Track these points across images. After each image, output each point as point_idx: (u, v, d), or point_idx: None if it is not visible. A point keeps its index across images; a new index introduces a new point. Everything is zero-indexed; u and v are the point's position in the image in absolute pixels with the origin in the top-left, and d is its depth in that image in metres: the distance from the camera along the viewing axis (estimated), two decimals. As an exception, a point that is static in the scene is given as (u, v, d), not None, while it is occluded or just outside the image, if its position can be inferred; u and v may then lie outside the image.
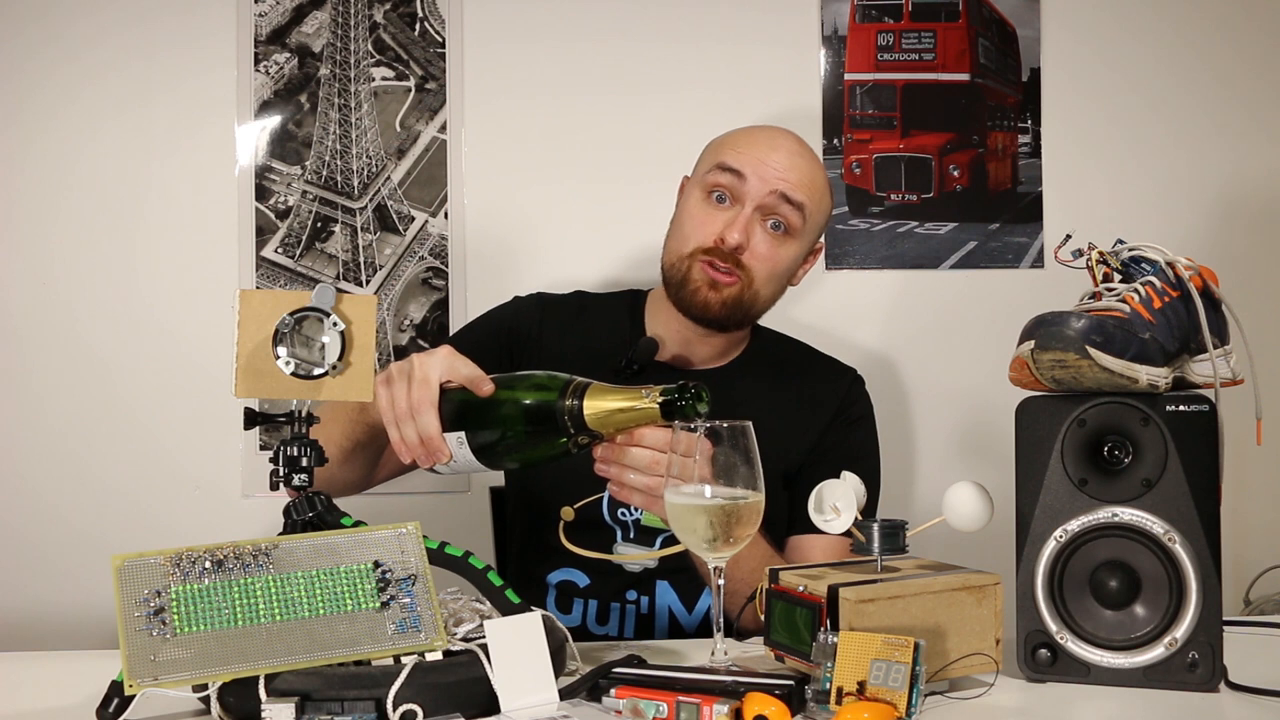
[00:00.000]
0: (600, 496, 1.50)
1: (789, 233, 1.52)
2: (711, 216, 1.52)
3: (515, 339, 1.61)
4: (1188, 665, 1.07)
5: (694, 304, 1.52)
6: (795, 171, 1.51)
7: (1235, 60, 2.13)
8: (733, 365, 1.62)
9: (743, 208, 1.50)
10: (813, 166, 1.55)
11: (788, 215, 1.51)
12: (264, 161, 2.05)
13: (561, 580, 1.55)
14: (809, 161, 1.55)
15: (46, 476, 2.02)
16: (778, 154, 1.52)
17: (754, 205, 1.50)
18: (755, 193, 1.50)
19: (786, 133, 1.58)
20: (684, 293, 1.52)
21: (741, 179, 1.50)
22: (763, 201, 1.50)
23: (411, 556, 1.05)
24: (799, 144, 1.56)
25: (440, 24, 2.07)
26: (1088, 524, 1.10)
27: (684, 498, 1.07)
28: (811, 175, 1.54)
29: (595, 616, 1.53)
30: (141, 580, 0.98)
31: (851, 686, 0.95)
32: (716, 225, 1.51)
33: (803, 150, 1.56)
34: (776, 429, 1.39)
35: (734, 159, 1.52)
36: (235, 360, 1.07)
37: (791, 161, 1.52)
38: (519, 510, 1.66)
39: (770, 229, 1.51)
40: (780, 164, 1.51)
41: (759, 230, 1.51)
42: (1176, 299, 1.13)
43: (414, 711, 0.94)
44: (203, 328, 2.02)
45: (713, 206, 1.53)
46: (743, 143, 1.54)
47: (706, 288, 1.51)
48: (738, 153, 1.53)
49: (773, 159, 1.51)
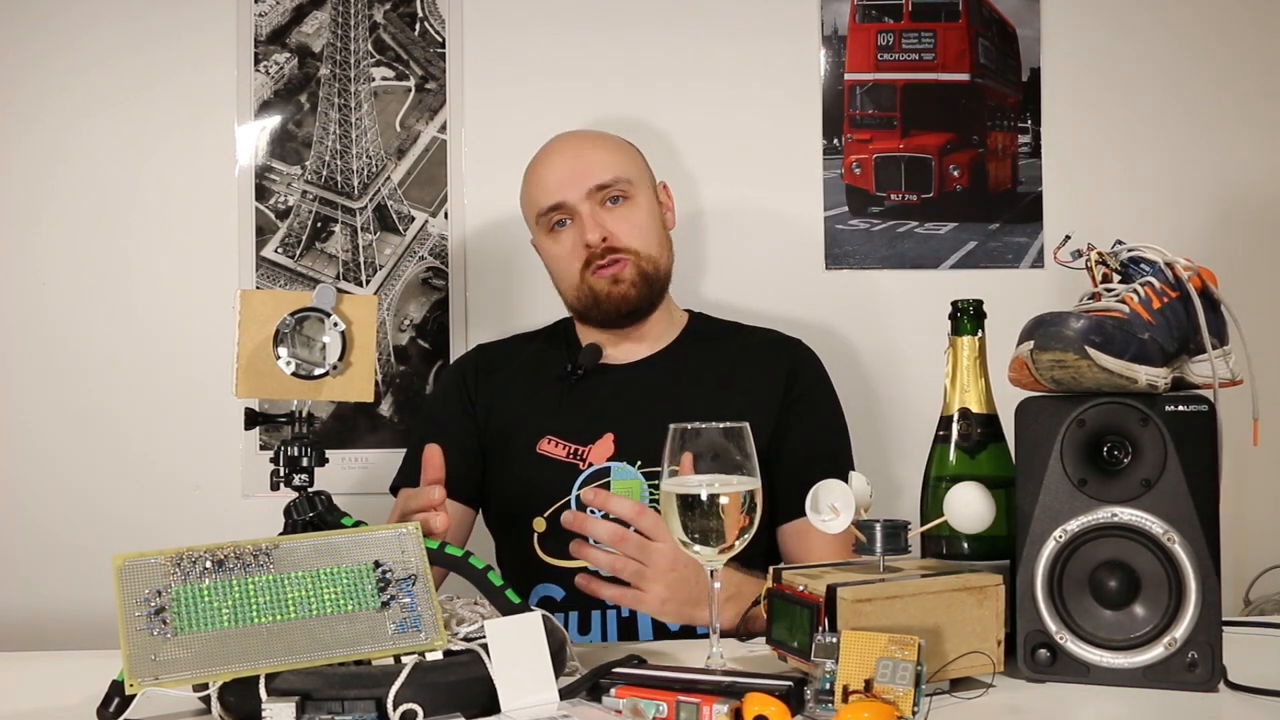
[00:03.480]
0: (567, 500, 1.57)
1: (627, 196, 1.65)
2: (567, 240, 1.65)
3: (467, 391, 1.71)
4: (1187, 665, 1.07)
5: (613, 307, 1.63)
6: (590, 161, 1.64)
7: (1235, 61, 2.13)
8: (671, 348, 1.71)
9: (580, 214, 1.62)
10: (596, 142, 1.69)
11: (615, 189, 1.64)
12: (264, 161, 2.05)
13: (541, 596, 1.58)
14: (591, 143, 1.68)
15: (47, 476, 2.02)
16: (566, 165, 1.65)
17: (586, 206, 1.62)
18: (579, 199, 1.62)
19: (559, 140, 1.71)
20: (601, 307, 1.64)
21: (561, 205, 1.64)
22: (589, 199, 1.62)
23: (412, 556, 1.05)
24: (575, 140, 1.70)
25: (440, 24, 2.07)
26: (1087, 524, 1.10)
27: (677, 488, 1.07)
28: (602, 149, 1.67)
29: (577, 627, 1.55)
30: (142, 580, 0.98)
31: (858, 685, 0.95)
32: (575, 240, 1.63)
33: (580, 141, 1.69)
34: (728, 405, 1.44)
35: (544, 199, 1.65)
36: (236, 360, 1.07)
37: (580, 158, 1.65)
38: (497, 530, 1.71)
39: (611, 205, 1.64)
40: (580, 170, 1.63)
41: (605, 214, 1.63)
42: (1175, 299, 1.13)
43: (414, 711, 0.94)
44: (203, 328, 2.02)
45: (561, 234, 1.65)
46: (539, 183, 1.67)
47: (611, 286, 1.62)
48: (543, 192, 1.65)
49: (566, 173, 1.64)
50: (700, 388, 1.65)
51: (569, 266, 1.65)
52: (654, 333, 1.71)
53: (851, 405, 1.77)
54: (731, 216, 2.09)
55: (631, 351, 1.70)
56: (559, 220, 1.65)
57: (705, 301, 2.04)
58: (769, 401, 1.63)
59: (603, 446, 1.60)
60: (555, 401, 1.65)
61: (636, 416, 1.60)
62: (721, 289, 2.07)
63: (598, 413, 1.63)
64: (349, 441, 2.03)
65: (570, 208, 1.63)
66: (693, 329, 1.75)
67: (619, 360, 1.70)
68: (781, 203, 2.09)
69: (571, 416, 1.63)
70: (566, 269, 1.66)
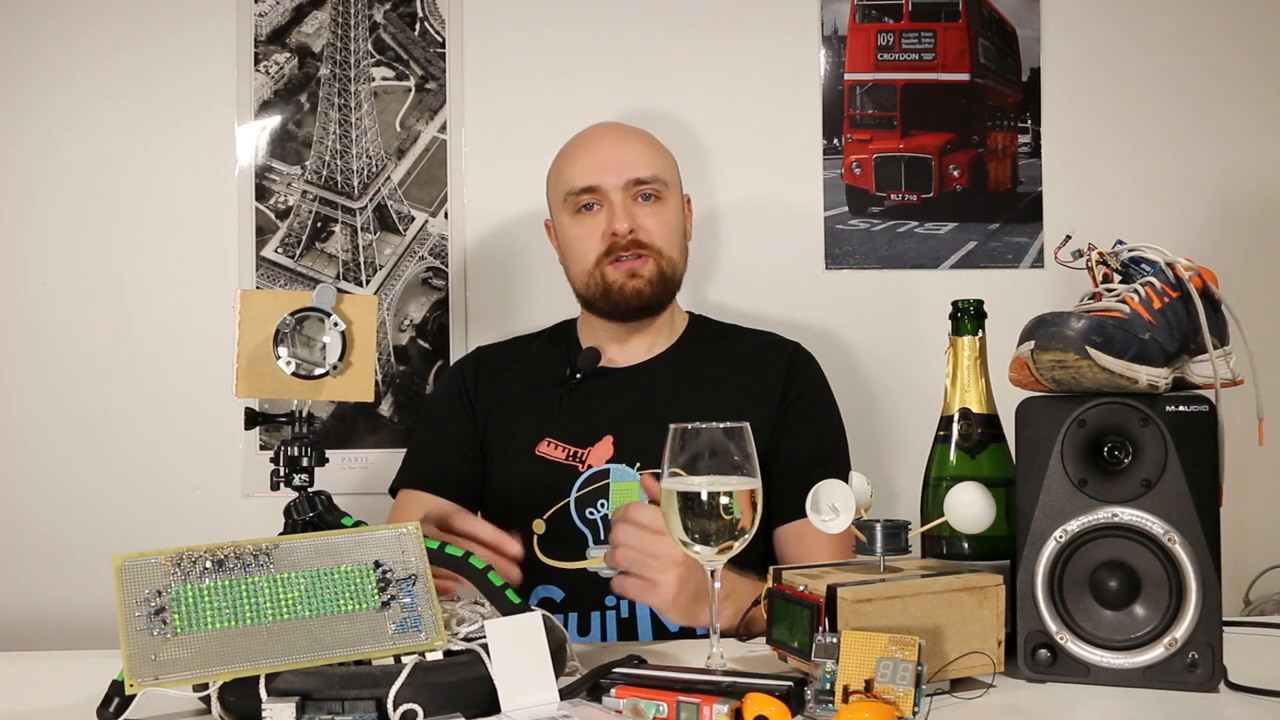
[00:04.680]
0: (566, 502, 1.57)
1: (660, 197, 1.65)
2: (592, 225, 1.63)
3: (467, 394, 1.71)
4: (1187, 665, 1.07)
5: (623, 301, 1.62)
6: (632, 154, 1.64)
7: (1235, 60, 2.13)
8: (670, 352, 1.71)
9: (612, 203, 1.62)
10: (640, 138, 1.69)
11: (650, 187, 1.64)
12: (264, 161, 2.05)
13: (541, 598, 1.58)
14: (635, 137, 1.69)
15: (46, 476, 2.02)
16: (609, 152, 1.64)
17: (619, 195, 1.62)
18: (614, 187, 1.62)
19: (602, 128, 1.71)
20: (610, 298, 1.63)
21: (595, 190, 1.62)
22: (624, 190, 1.62)
23: (412, 556, 1.05)
24: (618, 131, 1.70)
25: (440, 24, 2.07)
26: (1088, 524, 1.10)
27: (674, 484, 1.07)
28: (645, 145, 1.67)
29: (576, 628, 1.55)
30: (142, 580, 0.98)
31: (858, 685, 0.95)
32: (601, 227, 1.62)
33: (624, 133, 1.70)
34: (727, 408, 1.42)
35: (580, 179, 1.63)
36: (236, 360, 1.07)
37: (624, 149, 1.65)
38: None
39: (643, 201, 1.64)
40: (618, 158, 1.63)
41: (637, 208, 1.63)
42: (1176, 299, 1.13)
43: (414, 711, 0.94)
44: (203, 328, 2.02)
45: (587, 217, 1.64)
46: (576, 163, 1.65)
47: (627, 279, 1.61)
48: (580, 173, 1.64)
49: (609, 158, 1.63)
50: (699, 390, 1.65)
51: (587, 251, 1.64)
52: (655, 335, 1.71)
53: (851, 405, 1.77)
54: (731, 216, 2.09)
55: (631, 354, 1.70)
56: (587, 204, 1.64)
57: (705, 301, 2.04)
58: (767, 404, 1.63)
59: (602, 449, 1.60)
60: (555, 404, 1.65)
61: (636, 419, 1.60)
62: (721, 289, 2.07)
63: (597, 415, 1.63)
64: (349, 441, 2.03)
65: (604, 194, 1.62)
66: (692, 332, 1.75)
67: (618, 363, 1.69)
68: (781, 202, 2.09)
69: (571, 419, 1.63)
70: (584, 253, 1.64)
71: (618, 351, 1.70)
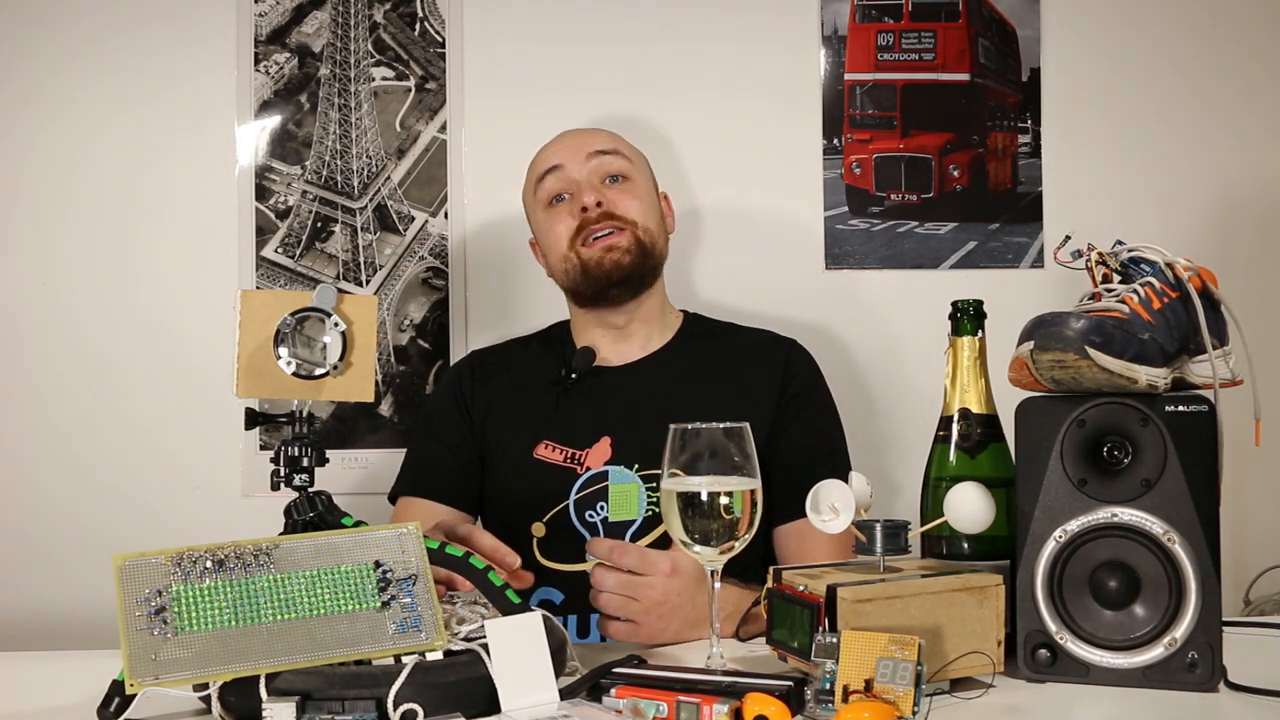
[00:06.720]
0: (566, 505, 1.57)
1: (627, 177, 1.67)
2: (562, 212, 1.66)
3: (463, 398, 1.71)
4: (1187, 665, 1.07)
5: (603, 275, 1.62)
6: (594, 136, 1.70)
7: (1236, 60, 2.13)
8: (665, 349, 1.70)
9: (577, 181, 1.65)
10: (604, 130, 1.75)
11: (616, 166, 1.67)
12: (264, 161, 2.05)
13: (540, 600, 1.57)
14: (598, 129, 1.75)
15: (47, 476, 2.02)
16: (567, 138, 1.70)
17: (585, 176, 1.65)
18: (578, 166, 1.65)
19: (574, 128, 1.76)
20: (589, 275, 1.63)
21: (560, 169, 1.66)
22: (589, 168, 1.65)
23: (412, 556, 1.05)
24: (588, 127, 1.77)
25: (440, 24, 2.07)
26: (1087, 524, 1.10)
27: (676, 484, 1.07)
28: (608, 133, 1.73)
29: (576, 630, 1.54)
30: (142, 580, 0.98)
31: (858, 685, 0.95)
32: (571, 211, 1.64)
33: (593, 127, 1.77)
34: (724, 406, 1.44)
35: (542, 165, 1.68)
36: (236, 360, 1.07)
37: (585, 134, 1.71)
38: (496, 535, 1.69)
39: (611, 183, 1.66)
40: (582, 140, 1.68)
41: (606, 189, 1.65)
42: (1175, 300, 1.13)
43: (414, 711, 0.94)
44: (203, 328, 2.02)
45: (558, 207, 1.67)
46: (540, 155, 1.71)
47: (605, 253, 1.62)
48: (542, 161, 1.69)
49: (574, 141, 1.68)
50: (695, 388, 1.65)
51: (558, 234, 1.65)
52: (649, 333, 1.70)
53: (851, 405, 1.77)
54: (731, 216, 2.09)
55: (625, 353, 1.70)
56: (558, 194, 1.66)
57: (705, 301, 2.04)
58: (765, 401, 1.63)
59: (600, 450, 1.60)
60: (551, 406, 1.65)
61: (633, 419, 1.60)
62: (721, 289, 2.07)
63: (594, 416, 1.62)
64: (349, 441, 2.03)
65: (569, 176, 1.65)
66: (687, 329, 1.75)
67: (613, 362, 1.69)
68: (781, 203, 2.09)
69: (568, 420, 1.63)
70: (558, 237, 1.65)
71: (612, 350, 1.69)
